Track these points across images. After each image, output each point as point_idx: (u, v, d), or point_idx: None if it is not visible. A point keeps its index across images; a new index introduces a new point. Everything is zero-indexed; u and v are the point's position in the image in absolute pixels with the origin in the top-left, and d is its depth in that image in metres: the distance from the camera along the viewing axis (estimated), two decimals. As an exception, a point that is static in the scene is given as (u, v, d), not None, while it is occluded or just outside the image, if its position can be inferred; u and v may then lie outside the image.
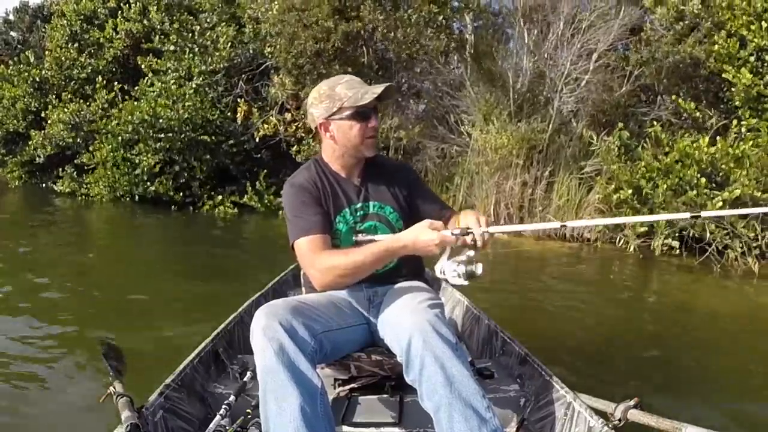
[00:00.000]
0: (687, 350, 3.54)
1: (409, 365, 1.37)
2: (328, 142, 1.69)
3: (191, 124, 9.00)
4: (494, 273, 6.27)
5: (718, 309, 4.81)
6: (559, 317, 4.23)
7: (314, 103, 1.66)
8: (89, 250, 6.50)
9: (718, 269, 6.06)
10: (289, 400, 1.28)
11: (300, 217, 1.60)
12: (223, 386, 1.76)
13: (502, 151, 7.28)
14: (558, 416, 1.55)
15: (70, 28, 10.51)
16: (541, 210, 7.51)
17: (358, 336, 1.65)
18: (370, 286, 1.67)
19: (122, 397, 1.45)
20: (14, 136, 10.66)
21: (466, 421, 1.28)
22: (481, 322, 2.26)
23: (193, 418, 1.57)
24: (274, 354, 1.32)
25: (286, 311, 1.40)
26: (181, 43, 9.77)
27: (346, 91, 1.61)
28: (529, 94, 7.62)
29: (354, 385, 1.66)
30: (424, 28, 7.28)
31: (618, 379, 2.84)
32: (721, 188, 6.39)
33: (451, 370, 1.31)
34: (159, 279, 5.10)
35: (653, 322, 4.36)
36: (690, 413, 1.76)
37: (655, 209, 6.66)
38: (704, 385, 2.90)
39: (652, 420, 1.42)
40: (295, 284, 2.66)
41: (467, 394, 1.30)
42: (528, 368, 1.81)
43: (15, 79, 10.41)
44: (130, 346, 2.85)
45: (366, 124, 1.63)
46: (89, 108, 9.81)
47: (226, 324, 2.09)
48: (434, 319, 1.38)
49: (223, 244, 7.03)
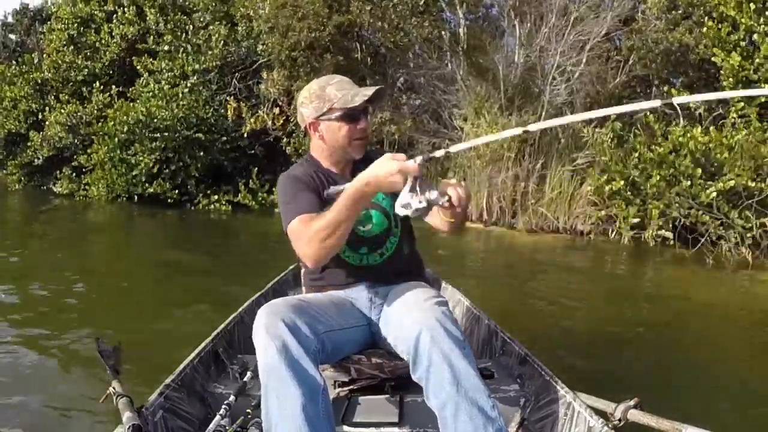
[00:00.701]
0: (681, 344, 3.49)
1: (416, 362, 1.35)
2: (317, 142, 1.70)
3: (185, 122, 9.04)
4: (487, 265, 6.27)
5: (714, 301, 4.76)
6: (552, 311, 4.19)
7: (304, 103, 1.66)
8: (87, 250, 6.56)
9: (711, 260, 5.98)
10: (291, 399, 1.27)
11: (291, 203, 1.59)
12: (223, 386, 1.76)
13: (493, 145, 7.24)
14: (558, 416, 1.55)
15: (67, 31, 10.59)
16: (534, 203, 7.46)
17: (359, 337, 1.64)
18: (371, 285, 1.66)
19: (122, 398, 1.45)
20: (15, 137, 10.75)
21: (471, 419, 1.27)
22: (481, 322, 2.26)
23: (193, 418, 1.57)
24: (276, 352, 1.30)
25: (289, 309, 1.39)
26: (175, 43, 9.82)
27: (336, 92, 1.61)
28: (520, 87, 7.57)
29: (353, 387, 1.66)
30: (408, 16, 7.26)
31: (610, 377, 2.80)
32: (714, 178, 6.32)
33: (459, 368, 1.31)
34: (155, 276, 5.14)
35: (645, 315, 4.30)
36: (686, 410, 1.74)
37: (648, 200, 6.60)
38: (700, 382, 2.87)
39: (652, 420, 1.42)
40: (295, 284, 2.65)
41: (474, 392, 1.29)
42: (528, 368, 1.81)
43: (17, 80, 10.49)
44: (128, 341, 2.90)
45: (355, 125, 1.62)
46: (86, 110, 9.88)
47: (226, 324, 2.08)
48: (442, 316, 1.38)
49: (218, 242, 7.07)
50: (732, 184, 6.13)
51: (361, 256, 1.69)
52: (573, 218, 7.38)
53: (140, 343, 3.02)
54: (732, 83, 6.31)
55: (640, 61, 7.58)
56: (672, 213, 6.47)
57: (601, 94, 7.82)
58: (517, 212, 7.58)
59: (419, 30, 7.38)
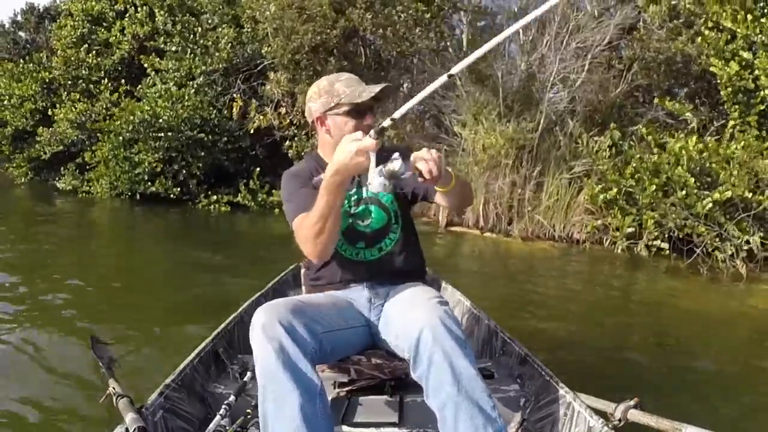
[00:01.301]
0: (674, 353, 3.51)
1: (416, 361, 1.35)
2: (324, 137, 1.72)
3: (189, 123, 9.14)
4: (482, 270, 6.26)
5: (708, 309, 4.76)
6: (545, 315, 4.20)
7: (313, 98, 1.69)
8: (88, 246, 6.65)
9: (706, 271, 5.94)
10: (288, 400, 1.27)
11: (293, 200, 1.63)
12: (223, 386, 1.76)
13: (491, 151, 7.24)
14: (558, 416, 1.55)
15: (78, 29, 10.75)
16: (530, 210, 7.44)
17: (359, 337, 1.65)
18: (370, 286, 1.67)
19: (122, 398, 1.46)
20: (21, 133, 10.91)
21: (471, 419, 1.27)
22: (481, 322, 2.26)
23: (193, 418, 1.57)
24: (273, 353, 1.30)
25: (287, 310, 1.39)
26: (183, 44, 9.94)
27: (345, 88, 1.64)
28: (519, 94, 7.57)
29: (353, 387, 1.66)
30: (413, 26, 7.30)
31: (602, 385, 2.81)
32: (712, 189, 6.27)
33: (460, 368, 1.30)
34: (154, 273, 5.20)
35: (640, 320, 4.32)
36: (687, 410, 1.76)
37: (644, 210, 6.56)
38: (697, 382, 2.89)
39: (652, 420, 1.41)
40: (295, 284, 2.65)
41: (474, 393, 1.29)
42: (528, 368, 1.81)
43: (25, 78, 10.67)
44: (126, 338, 2.93)
45: (361, 121, 1.64)
46: (94, 107, 10.02)
47: (226, 324, 2.08)
48: (444, 315, 1.37)
49: (217, 241, 7.14)
50: (728, 195, 6.09)
51: (358, 251, 1.70)
52: (569, 226, 7.35)
53: (139, 340, 3.06)
54: (729, 93, 6.27)
55: (641, 71, 7.55)
56: (668, 224, 6.42)
57: (602, 103, 7.79)
58: (513, 219, 7.56)
59: (423, 41, 7.42)
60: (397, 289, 1.61)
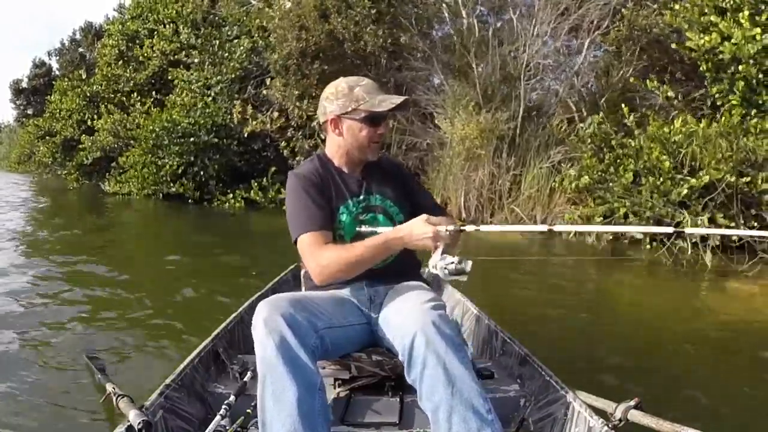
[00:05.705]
0: (644, 350, 3.26)
1: (410, 364, 1.34)
2: (334, 138, 1.70)
3: (205, 129, 9.91)
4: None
5: (686, 304, 4.42)
6: (518, 313, 4.00)
7: (329, 98, 1.66)
8: (118, 237, 7.47)
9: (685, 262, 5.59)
10: (287, 394, 1.27)
11: (302, 212, 1.60)
12: (223, 386, 1.75)
13: (467, 143, 7.21)
14: (558, 416, 1.53)
15: (117, 48, 11.91)
16: (510, 201, 7.31)
17: (359, 335, 1.63)
18: (371, 284, 1.65)
19: (123, 397, 1.49)
20: (69, 142, 12.25)
21: (464, 422, 1.26)
22: (481, 322, 2.24)
23: (193, 418, 1.57)
24: (274, 346, 1.30)
25: (289, 304, 1.39)
26: (204, 56, 10.74)
27: (364, 94, 1.63)
28: (497, 84, 7.47)
29: (354, 385, 1.66)
30: (366, 25, 7.50)
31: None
32: (693, 174, 5.87)
33: (453, 371, 1.29)
34: (172, 262, 5.49)
35: (610, 313, 4.12)
36: (685, 410, 1.75)
37: (616, 198, 6.26)
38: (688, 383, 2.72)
39: (652, 421, 1.40)
40: (295, 284, 2.60)
41: (468, 395, 1.28)
42: (528, 368, 1.80)
43: (69, 93, 12.00)
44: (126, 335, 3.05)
45: (375, 129, 1.65)
46: (129, 117, 11.09)
47: (226, 324, 2.08)
48: (438, 318, 1.36)
49: (231, 234, 7.75)
50: (707, 180, 5.69)
51: None
52: (551, 217, 7.15)
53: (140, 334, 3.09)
54: (709, 68, 5.86)
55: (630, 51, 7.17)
56: (645, 213, 6.09)
57: (587, 88, 7.50)
58: (494, 210, 7.47)
59: (374, 38, 7.58)
60: (396, 289, 1.61)
